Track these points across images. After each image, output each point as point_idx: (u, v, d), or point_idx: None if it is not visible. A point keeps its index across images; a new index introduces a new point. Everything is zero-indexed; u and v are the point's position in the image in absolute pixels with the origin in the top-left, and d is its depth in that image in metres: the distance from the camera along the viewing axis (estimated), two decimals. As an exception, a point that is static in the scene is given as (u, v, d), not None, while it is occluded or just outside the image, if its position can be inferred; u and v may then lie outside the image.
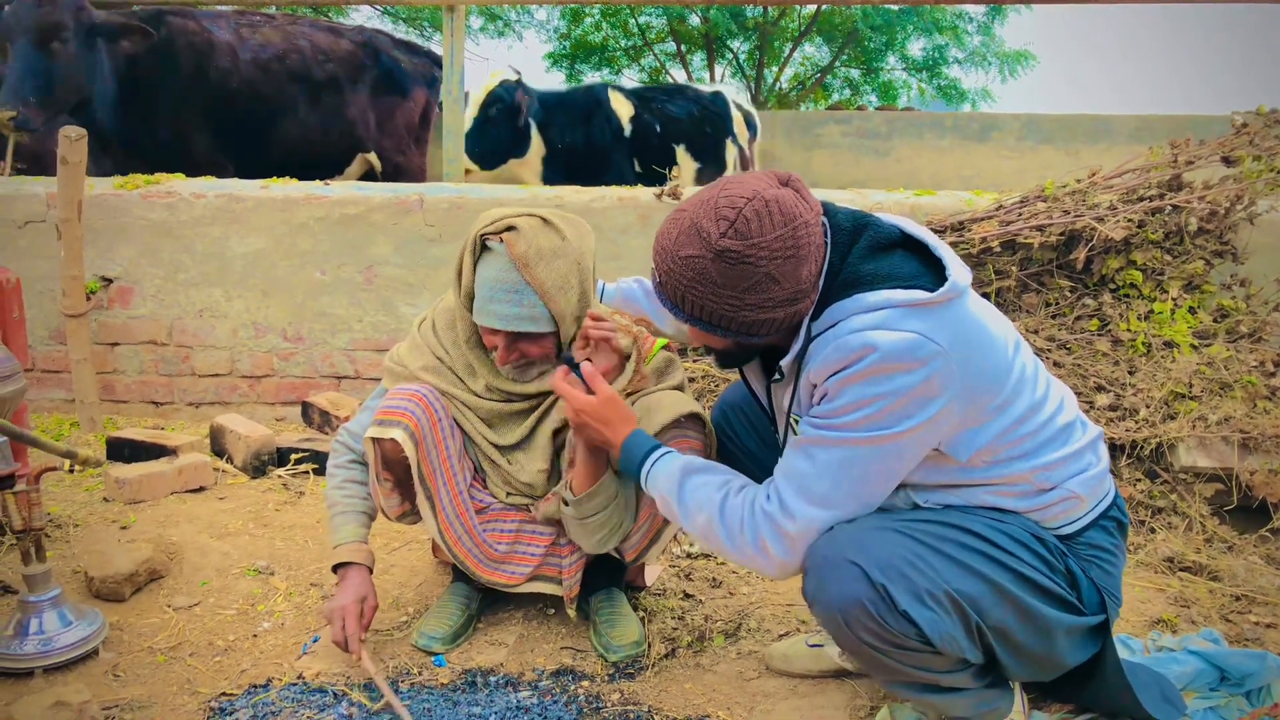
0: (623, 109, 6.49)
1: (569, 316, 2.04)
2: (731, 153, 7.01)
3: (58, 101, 4.58)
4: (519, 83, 6.06)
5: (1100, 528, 1.73)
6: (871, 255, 1.63)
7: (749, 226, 1.52)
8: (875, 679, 1.79)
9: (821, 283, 1.63)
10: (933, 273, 1.62)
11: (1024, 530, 1.64)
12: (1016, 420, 1.63)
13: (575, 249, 2.02)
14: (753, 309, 1.57)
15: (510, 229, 1.98)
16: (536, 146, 6.20)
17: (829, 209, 1.68)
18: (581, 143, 6.32)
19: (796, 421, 1.71)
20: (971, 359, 1.57)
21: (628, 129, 6.50)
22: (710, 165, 6.84)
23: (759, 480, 1.79)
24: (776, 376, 1.73)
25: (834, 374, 1.56)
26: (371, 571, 2.16)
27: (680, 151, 6.73)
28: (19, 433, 1.97)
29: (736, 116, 7.16)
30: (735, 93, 7.45)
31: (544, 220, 2.01)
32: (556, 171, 6.25)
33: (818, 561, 1.60)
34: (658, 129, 6.63)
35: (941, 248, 1.66)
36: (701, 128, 6.85)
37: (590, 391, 1.90)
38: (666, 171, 4.25)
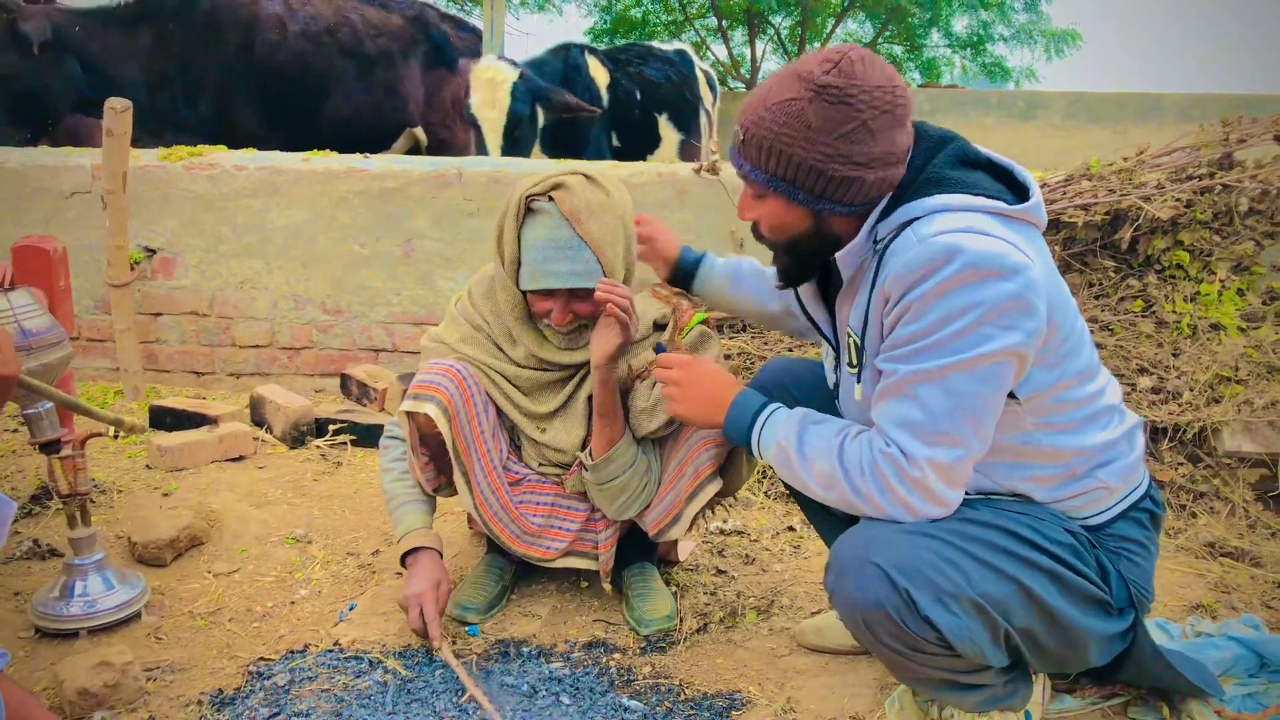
0: (600, 75, 5.78)
1: (619, 270, 2.06)
2: (702, 122, 6.30)
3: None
4: (522, 77, 5.22)
5: (1131, 519, 1.66)
6: (956, 164, 1.55)
7: (854, 68, 1.45)
8: (894, 676, 1.75)
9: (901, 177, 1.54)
10: (1017, 197, 1.56)
11: (1055, 523, 1.59)
12: (1075, 376, 1.56)
13: (619, 203, 2.06)
14: (843, 162, 1.47)
15: (557, 186, 2.01)
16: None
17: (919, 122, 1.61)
18: (566, 116, 5.45)
19: (853, 337, 1.61)
20: (1052, 284, 1.50)
21: (605, 98, 5.77)
22: (692, 136, 6.15)
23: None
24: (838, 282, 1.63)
25: (916, 285, 1.44)
26: (441, 555, 2.15)
27: (663, 122, 6.04)
28: (69, 400, 2.00)
29: (700, 78, 6.47)
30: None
31: (586, 176, 2.04)
32: (544, 144, 5.43)
33: (839, 559, 1.55)
34: (638, 96, 5.93)
35: (1029, 178, 1.59)
36: (681, 93, 6.17)
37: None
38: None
